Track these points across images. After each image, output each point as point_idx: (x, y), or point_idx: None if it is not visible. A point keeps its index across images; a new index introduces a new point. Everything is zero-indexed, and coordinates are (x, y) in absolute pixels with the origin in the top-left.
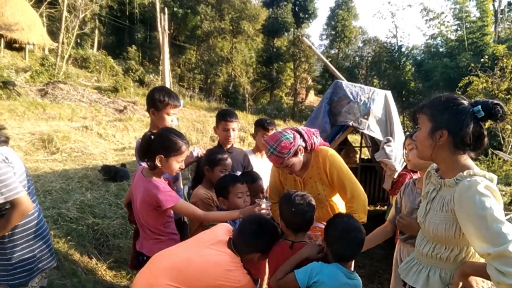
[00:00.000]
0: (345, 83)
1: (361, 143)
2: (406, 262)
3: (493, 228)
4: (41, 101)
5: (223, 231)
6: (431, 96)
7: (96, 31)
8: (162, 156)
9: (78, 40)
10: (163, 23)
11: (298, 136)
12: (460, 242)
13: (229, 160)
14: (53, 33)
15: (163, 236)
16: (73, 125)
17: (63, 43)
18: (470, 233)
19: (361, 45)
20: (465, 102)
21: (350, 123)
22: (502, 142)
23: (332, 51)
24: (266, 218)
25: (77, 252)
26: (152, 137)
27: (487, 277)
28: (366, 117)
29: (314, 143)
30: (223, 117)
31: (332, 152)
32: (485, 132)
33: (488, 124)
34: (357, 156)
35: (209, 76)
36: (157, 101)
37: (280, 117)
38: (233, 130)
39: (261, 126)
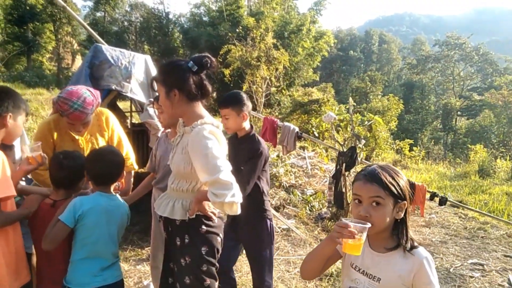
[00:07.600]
0: (105, 47)
1: (130, 108)
2: (159, 198)
3: (211, 162)
4: None
5: None
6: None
7: None
8: None
9: None
10: None
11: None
12: (196, 176)
13: None
14: None
15: None
16: None
17: None
18: (197, 168)
19: (128, 9)
20: (182, 62)
21: (113, 87)
22: None
23: (98, 14)
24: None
25: None
26: None
27: None
28: (128, 80)
29: (99, 103)
30: None
31: (110, 112)
32: (205, 81)
33: None
34: (128, 121)
35: None
36: None
37: (43, 85)
38: None
39: None
